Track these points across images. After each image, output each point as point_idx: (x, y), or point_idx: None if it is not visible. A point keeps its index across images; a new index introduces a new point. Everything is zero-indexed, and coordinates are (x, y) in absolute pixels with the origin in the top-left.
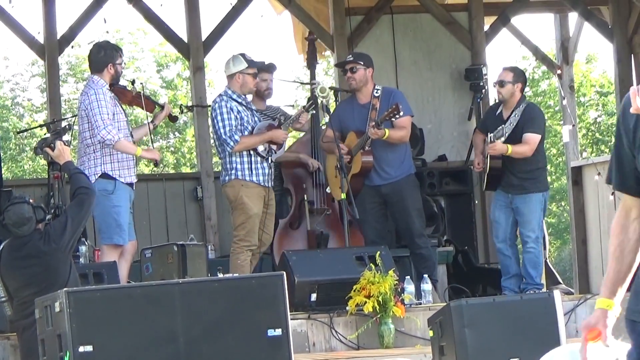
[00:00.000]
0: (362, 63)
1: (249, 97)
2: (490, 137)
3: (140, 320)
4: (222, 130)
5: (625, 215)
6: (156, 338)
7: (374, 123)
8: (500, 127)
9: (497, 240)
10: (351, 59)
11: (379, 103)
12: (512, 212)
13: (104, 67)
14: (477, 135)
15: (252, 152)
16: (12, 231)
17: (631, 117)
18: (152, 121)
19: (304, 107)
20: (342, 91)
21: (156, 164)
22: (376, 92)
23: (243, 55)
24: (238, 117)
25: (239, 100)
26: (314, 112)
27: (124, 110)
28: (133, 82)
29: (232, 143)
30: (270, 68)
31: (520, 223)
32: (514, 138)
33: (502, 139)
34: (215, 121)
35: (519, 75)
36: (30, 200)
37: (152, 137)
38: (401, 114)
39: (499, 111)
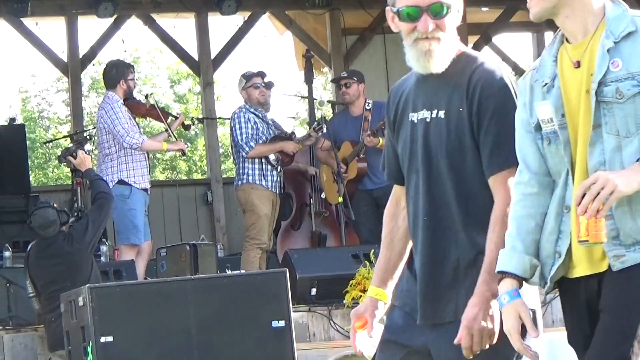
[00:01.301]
0: (355, 79)
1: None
2: None
3: (156, 313)
4: (239, 137)
5: (395, 204)
6: (170, 329)
7: (369, 132)
8: None
9: None
10: (345, 75)
11: (371, 115)
12: None
13: (117, 83)
14: None
15: (263, 159)
16: (38, 233)
17: (391, 108)
18: (167, 129)
19: (313, 128)
20: (338, 104)
21: (183, 153)
22: (367, 105)
23: (243, 74)
24: (254, 127)
25: (256, 112)
26: (322, 132)
27: (137, 124)
28: (147, 96)
29: (247, 149)
30: (268, 85)
31: None
32: None
33: None
34: (234, 129)
35: None
36: (55, 205)
37: (176, 136)
38: None
39: None
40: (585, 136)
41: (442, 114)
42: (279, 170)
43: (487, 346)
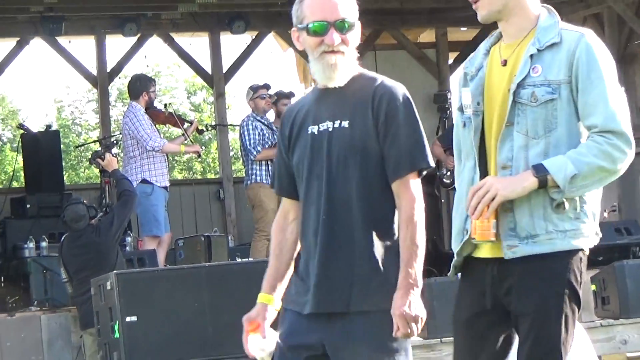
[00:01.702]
0: None
1: (271, 118)
2: None
3: (174, 296)
4: (247, 142)
5: (284, 218)
6: (187, 309)
7: None
8: None
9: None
10: None
11: None
12: None
13: (140, 94)
14: (437, 146)
15: (269, 162)
16: (70, 226)
17: (286, 126)
18: (184, 134)
19: None
20: None
21: (198, 155)
22: None
23: (250, 86)
24: (261, 133)
25: (262, 120)
26: None
27: (158, 130)
28: (165, 106)
29: (255, 152)
30: (289, 95)
31: None
32: None
33: None
34: (243, 135)
35: None
36: (84, 201)
37: (192, 140)
38: None
39: None
40: (498, 130)
41: (345, 123)
42: None
43: (419, 331)
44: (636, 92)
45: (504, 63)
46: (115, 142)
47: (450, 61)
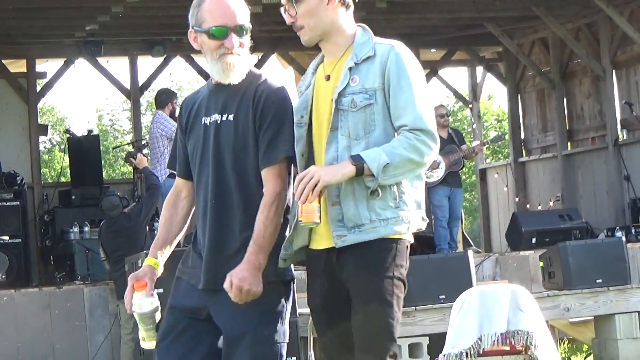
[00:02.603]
0: None
1: None
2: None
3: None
4: None
5: (176, 195)
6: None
7: None
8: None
9: (443, 218)
10: None
11: None
12: (449, 200)
13: (165, 104)
14: None
15: None
16: (106, 214)
17: (183, 116)
18: None
19: None
20: None
21: None
22: None
23: None
24: None
25: None
26: None
27: None
28: None
29: None
30: None
31: (455, 207)
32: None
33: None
34: None
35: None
36: (118, 193)
37: None
38: None
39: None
40: (326, 136)
41: (231, 117)
42: None
43: (263, 312)
44: (576, 102)
45: (328, 78)
46: (145, 144)
47: None
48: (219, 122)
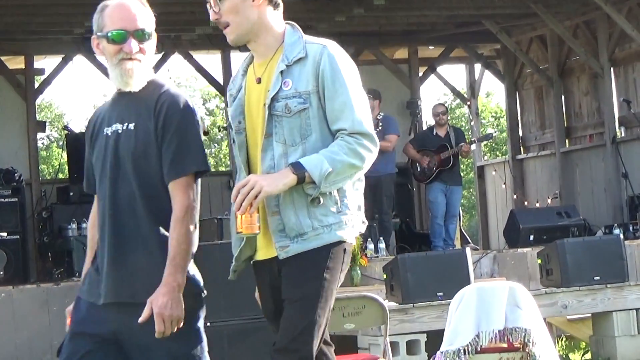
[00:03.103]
0: (371, 96)
1: None
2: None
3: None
4: None
5: (96, 215)
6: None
7: None
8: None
9: (438, 215)
10: None
11: (381, 124)
12: (446, 197)
13: None
14: (410, 147)
15: None
16: None
17: (89, 128)
18: None
19: None
20: None
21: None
22: (379, 116)
23: None
24: None
25: None
26: None
27: None
28: None
29: None
30: None
31: (452, 204)
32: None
33: (473, 146)
34: None
35: (447, 108)
36: None
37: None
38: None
39: (434, 132)
40: (261, 143)
41: (132, 126)
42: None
43: (176, 329)
44: (574, 100)
45: (259, 81)
46: None
47: (420, 74)
48: (119, 131)
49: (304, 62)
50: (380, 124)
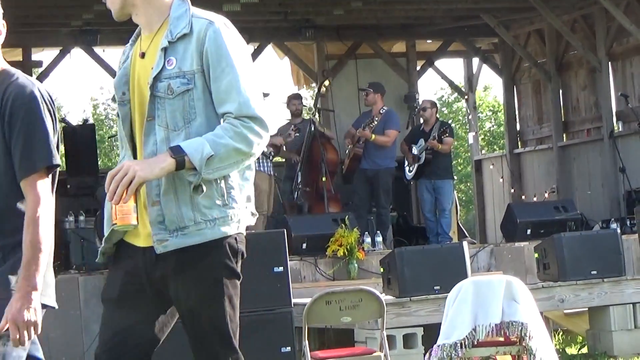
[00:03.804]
0: (372, 90)
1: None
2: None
3: None
4: None
5: None
6: None
7: (362, 127)
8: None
9: (425, 210)
10: (365, 87)
11: (381, 117)
12: (434, 192)
13: None
14: (404, 144)
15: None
16: (102, 203)
17: None
18: None
19: (293, 130)
20: (324, 110)
21: None
22: (382, 110)
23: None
24: None
25: None
26: (298, 133)
27: None
28: None
29: None
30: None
31: (440, 199)
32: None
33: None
34: None
35: (434, 104)
36: None
37: None
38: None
39: (421, 127)
40: (143, 124)
41: None
42: (270, 158)
43: (33, 336)
44: (572, 94)
45: (142, 55)
46: None
47: (418, 68)
48: None
49: (188, 39)
50: (382, 117)
